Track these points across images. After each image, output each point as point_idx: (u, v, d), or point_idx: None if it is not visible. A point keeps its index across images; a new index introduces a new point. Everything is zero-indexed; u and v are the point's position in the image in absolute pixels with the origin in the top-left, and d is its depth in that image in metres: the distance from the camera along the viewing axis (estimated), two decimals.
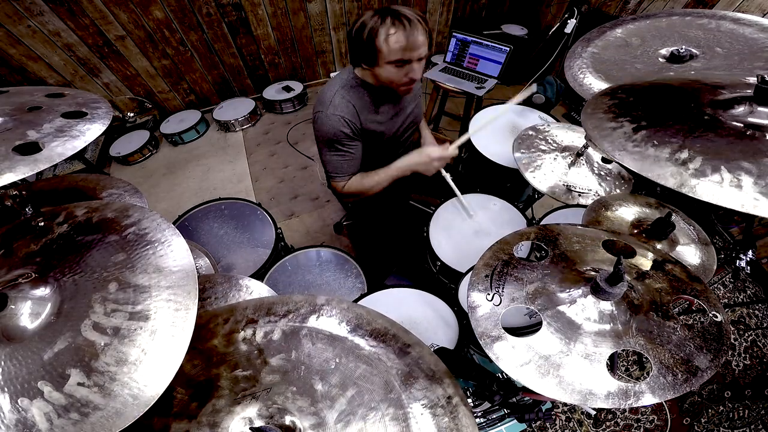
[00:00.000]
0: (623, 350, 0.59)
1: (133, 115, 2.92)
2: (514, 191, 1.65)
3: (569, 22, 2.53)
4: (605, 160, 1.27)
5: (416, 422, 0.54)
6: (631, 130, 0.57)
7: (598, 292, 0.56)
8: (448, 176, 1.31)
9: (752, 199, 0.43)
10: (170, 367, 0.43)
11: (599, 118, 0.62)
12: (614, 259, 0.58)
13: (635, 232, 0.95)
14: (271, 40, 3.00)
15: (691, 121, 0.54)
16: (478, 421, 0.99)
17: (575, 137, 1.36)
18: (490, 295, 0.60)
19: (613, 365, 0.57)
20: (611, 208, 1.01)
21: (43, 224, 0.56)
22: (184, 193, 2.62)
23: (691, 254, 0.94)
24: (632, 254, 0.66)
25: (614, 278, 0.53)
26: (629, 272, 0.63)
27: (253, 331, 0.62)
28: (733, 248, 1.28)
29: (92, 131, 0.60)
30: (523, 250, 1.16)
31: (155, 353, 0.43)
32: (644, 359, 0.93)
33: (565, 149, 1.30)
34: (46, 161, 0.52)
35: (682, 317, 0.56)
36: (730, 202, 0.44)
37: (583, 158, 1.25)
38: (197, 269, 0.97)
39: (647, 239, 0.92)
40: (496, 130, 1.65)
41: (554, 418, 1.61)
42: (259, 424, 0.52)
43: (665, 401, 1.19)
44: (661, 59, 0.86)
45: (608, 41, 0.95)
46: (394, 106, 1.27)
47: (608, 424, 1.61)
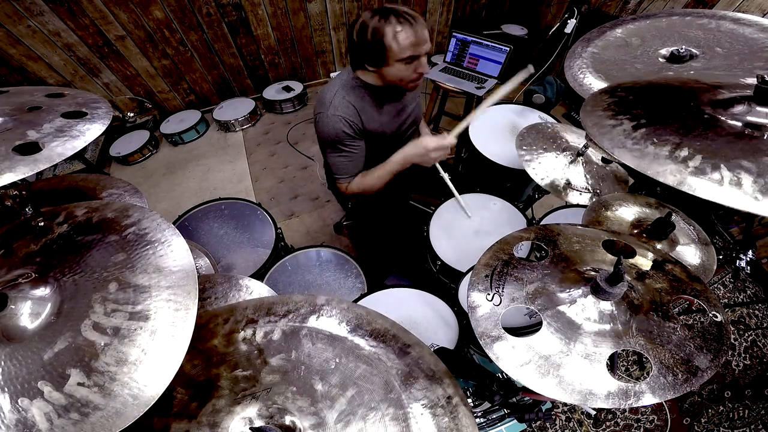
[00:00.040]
0: (623, 350, 0.59)
1: (133, 115, 2.92)
2: (514, 191, 1.65)
3: (569, 22, 2.53)
4: (605, 160, 1.27)
5: (416, 422, 0.54)
6: (630, 127, 0.56)
7: (598, 292, 0.56)
8: (446, 176, 1.31)
9: (752, 197, 0.43)
10: (170, 367, 0.43)
11: (599, 115, 0.62)
12: (614, 259, 0.58)
13: (635, 232, 0.95)
14: (271, 40, 3.00)
15: (690, 119, 0.54)
16: (478, 421, 0.99)
17: (576, 137, 1.36)
18: (490, 295, 0.60)
19: (613, 365, 0.57)
20: (611, 208, 1.01)
21: (43, 224, 0.56)
22: (184, 193, 2.62)
23: (691, 254, 0.94)
24: (632, 254, 0.66)
25: (614, 278, 0.53)
26: (629, 272, 0.63)
27: (253, 331, 0.62)
28: (733, 248, 1.28)
29: (92, 131, 0.60)
30: (523, 250, 1.16)
31: (155, 353, 0.43)
32: (644, 359, 0.93)
33: (566, 149, 1.30)
34: (46, 161, 0.52)
35: (682, 317, 0.56)
36: (729, 200, 0.43)
37: (582, 158, 1.25)
38: (197, 269, 0.97)
39: (647, 239, 0.92)
40: (496, 130, 1.65)
41: (554, 418, 1.61)
42: (259, 424, 0.52)
43: (665, 401, 1.19)
44: (661, 59, 0.86)
45: (608, 41, 0.95)
46: (395, 106, 1.27)
47: (608, 424, 1.60)
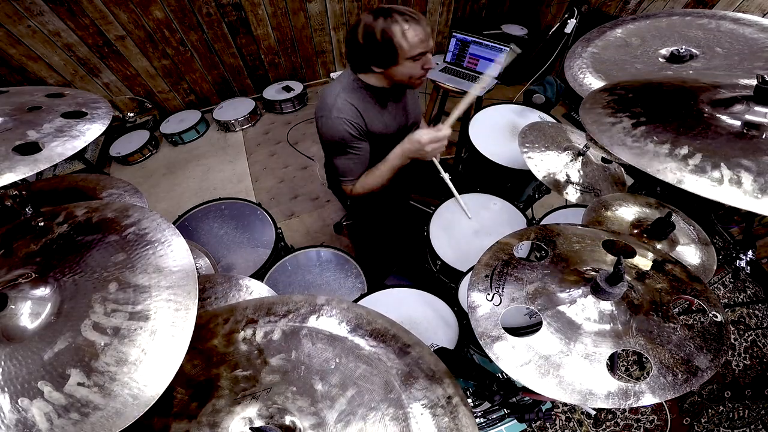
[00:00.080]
0: (623, 350, 0.59)
1: (133, 115, 2.91)
2: (514, 191, 1.65)
3: (569, 22, 2.53)
4: (605, 160, 1.27)
5: (416, 422, 0.54)
6: (630, 125, 0.56)
7: (598, 292, 0.56)
8: (447, 176, 1.31)
9: (752, 196, 0.43)
10: (170, 367, 0.43)
11: (598, 113, 0.62)
12: (614, 259, 0.58)
13: (635, 232, 0.95)
14: (271, 40, 3.00)
15: (690, 118, 0.54)
16: (478, 421, 0.99)
17: (576, 137, 1.36)
18: (490, 295, 0.60)
19: (613, 365, 0.57)
20: (611, 208, 1.01)
21: (43, 224, 0.56)
22: (184, 193, 2.62)
23: (691, 254, 0.94)
24: (632, 254, 0.66)
25: (614, 278, 0.53)
26: (629, 272, 0.62)
27: (253, 331, 0.62)
28: (733, 248, 1.29)
29: (92, 131, 0.60)
30: (523, 250, 1.16)
31: (155, 353, 0.43)
32: (644, 359, 0.93)
33: (567, 148, 1.30)
34: (46, 161, 0.52)
35: (682, 317, 0.56)
36: (730, 198, 0.44)
37: (581, 158, 1.24)
38: (197, 269, 0.97)
39: (647, 239, 0.92)
40: (496, 130, 1.65)
41: (554, 418, 1.61)
42: (259, 424, 0.52)
43: (665, 401, 1.19)
44: (661, 59, 0.86)
45: (608, 41, 0.95)
46: (396, 106, 1.27)
47: (608, 424, 1.61)
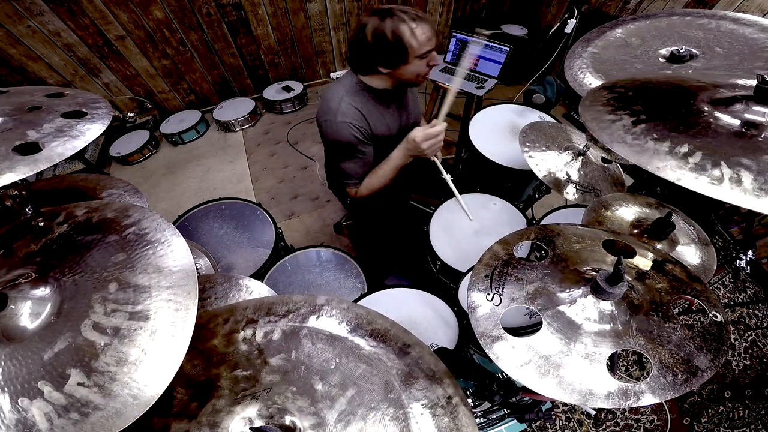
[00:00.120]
0: (623, 350, 0.59)
1: (133, 115, 2.91)
2: (514, 191, 1.65)
3: (569, 22, 2.53)
4: (605, 160, 1.27)
5: (416, 422, 0.54)
6: (630, 123, 0.56)
7: (598, 292, 0.56)
8: (448, 177, 1.31)
9: (752, 195, 0.43)
10: (170, 367, 0.43)
11: (598, 110, 0.62)
12: (614, 259, 0.58)
13: (635, 232, 0.95)
14: (271, 40, 3.00)
15: (690, 116, 0.54)
16: (478, 421, 0.99)
17: (576, 137, 1.36)
18: (490, 295, 0.60)
19: (613, 365, 0.57)
20: (611, 208, 1.01)
21: (43, 224, 0.56)
22: (184, 193, 2.62)
23: (691, 254, 0.94)
24: (632, 254, 0.66)
25: (614, 278, 0.53)
26: (629, 272, 0.62)
27: (253, 331, 0.62)
28: (733, 248, 1.29)
29: (92, 131, 0.60)
30: (523, 250, 1.16)
31: (155, 353, 0.43)
32: (644, 359, 0.93)
33: (567, 148, 1.29)
34: (46, 161, 0.52)
35: (682, 317, 0.56)
36: (730, 197, 0.44)
37: (581, 159, 1.24)
38: (197, 269, 0.97)
39: (647, 239, 0.92)
40: (496, 130, 1.65)
41: (554, 418, 1.60)
42: (259, 424, 0.52)
43: (665, 401, 1.19)
44: (661, 59, 0.86)
45: (608, 41, 0.95)
46: (397, 107, 1.27)
47: (608, 424, 1.60)
